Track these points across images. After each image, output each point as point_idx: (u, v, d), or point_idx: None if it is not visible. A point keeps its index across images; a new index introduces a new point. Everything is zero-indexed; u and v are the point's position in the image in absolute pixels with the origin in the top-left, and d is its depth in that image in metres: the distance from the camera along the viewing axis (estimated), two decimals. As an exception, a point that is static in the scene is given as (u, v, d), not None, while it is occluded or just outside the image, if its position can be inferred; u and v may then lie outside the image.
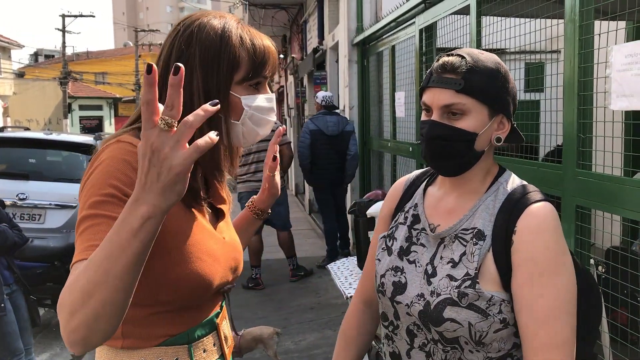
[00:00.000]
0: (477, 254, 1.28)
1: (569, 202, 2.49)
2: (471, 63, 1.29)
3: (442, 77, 1.30)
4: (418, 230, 1.42)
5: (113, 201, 1.11)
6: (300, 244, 8.53)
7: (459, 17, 3.85)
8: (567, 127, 2.51)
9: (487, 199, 1.34)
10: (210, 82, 1.26)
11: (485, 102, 1.29)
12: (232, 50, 1.27)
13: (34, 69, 39.50)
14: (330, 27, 8.70)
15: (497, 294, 1.25)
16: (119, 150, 1.19)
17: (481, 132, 1.30)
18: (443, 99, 1.29)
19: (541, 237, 1.25)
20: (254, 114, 1.32)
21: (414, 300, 1.33)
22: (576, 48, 2.41)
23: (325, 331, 4.92)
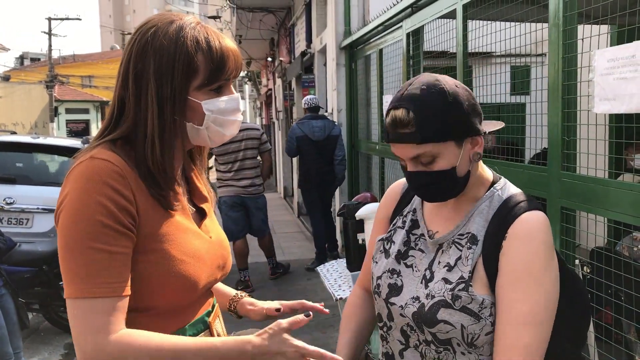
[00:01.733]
0: (471, 257, 1.31)
1: (554, 204, 2.53)
2: (418, 112, 1.27)
3: (398, 133, 1.30)
4: (417, 235, 1.45)
5: (106, 232, 1.15)
6: (289, 246, 8.56)
7: (446, 21, 3.88)
8: (551, 129, 2.55)
9: (481, 205, 1.37)
10: (165, 91, 1.25)
11: (448, 139, 1.29)
12: (186, 57, 1.25)
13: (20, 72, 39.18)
14: (318, 30, 8.73)
15: (487, 297, 1.28)
16: (93, 169, 1.19)
17: (457, 162, 1.31)
18: (409, 153, 1.31)
19: (528, 245, 1.27)
20: (217, 117, 1.32)
21: (408, 302, 1.36)
22: (560, 52, 2.45)
23: (315, 333, 4.93)
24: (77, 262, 1.15)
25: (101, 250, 1.15)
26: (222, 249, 1.45)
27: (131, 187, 1.21)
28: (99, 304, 1.14)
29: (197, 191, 1.47)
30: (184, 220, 1.34)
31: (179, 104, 1.27)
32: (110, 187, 1.17)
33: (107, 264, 1.15)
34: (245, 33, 13.60)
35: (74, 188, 1.18)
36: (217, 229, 1.49)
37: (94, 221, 1.15)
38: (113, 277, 1.15)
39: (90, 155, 1.22)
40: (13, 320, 3.69)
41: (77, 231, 1.15)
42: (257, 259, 7.06)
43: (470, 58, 3.56)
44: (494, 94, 3.28)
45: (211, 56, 1.27)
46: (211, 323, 1.42)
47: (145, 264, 1.22)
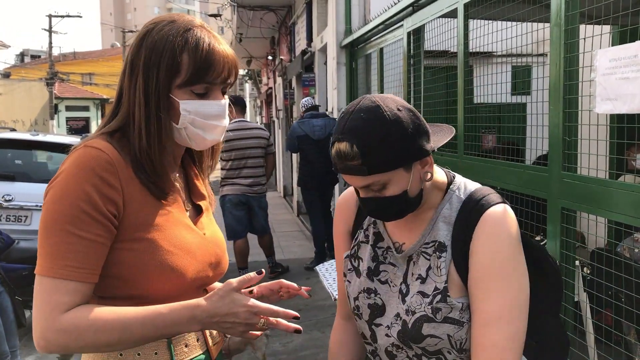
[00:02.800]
0: (443, 267, 1.30)
1: (554, 204, 2.51)
2: (361, 145, 1.22)
3: (345, 165, 1.26)
4: (383, 248, 1.43)
5: (83, 217, 1.18)
6: (289, 245, 8.54)
7: (447, 20, 3.87)
8: (552, 130, 2.54)
9: (443, 210, 1.36)
10: (150, 85, 1.29)
11: (396, 167, 1.26)
12: (171, 54, 1.27)
13: (20, 70, 39.18)
14: (319, 29, 8.71)
15: (464, 300, 1.29)
16: (85, 156, 1.23)
17: (408, 186, 1.29)
18: (358, 183, 1.29)
19: (493, 242, 1.27)
20: (196, 119, 1.32)
21: (392, 322, 1.35)
22: (562, 52, 2.43)
23: (314, 332, 4.92)
24: (50, 241, 1.18)
25: (74, 234, 1.18)
26: (216, 247, 1.44)
27: (119, 176, 1.24)
28: (61, 285, 1.17)
29: (195, 189, 1.48)
30: (177, 213, 1.35)
31: (162, 100, 1.29)
32: (97, 174, 1.20)
33: (76, 248, 1.18)
34: (246, 31, 13.59)
35: (64, 171, 1.22)
36: (213, 227, 1.49)
37: (74, 205, 1.18)
38: (79, 262, 1.18)
39: (85, 143, 1.26)
40: (10, 318, 3.68)
41: (56, 212, 1.19)
42: (256, 258, 7.05)
43: (471, 57, 3.54)
44: (495, 94, 3.26)
45: (195, 56, 1.28)
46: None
47: (130, 252, 1.24)
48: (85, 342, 1.16)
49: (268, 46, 15.70)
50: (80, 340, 1.16)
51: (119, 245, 1.24)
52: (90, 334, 1.15)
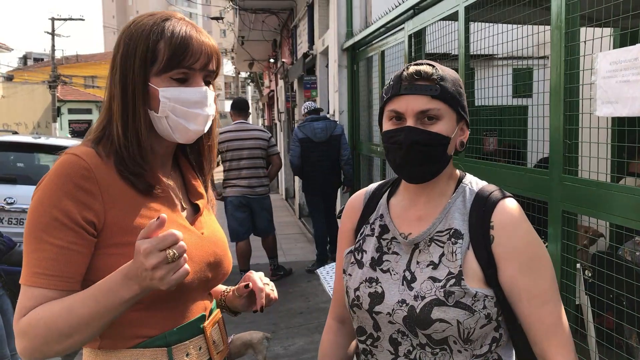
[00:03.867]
0: (459, 252, 1.32)
1: (555, 207, 2.51)
2: (441, 71, 1.35)
3: (415, 84, 1.33)
4: (388, 239, 1.44)
5: (55, 225, 1.19)
6: (290, 248, 8.54)
7: (448, 23, 3.87)
8: (553, 132, 2.53)
9: (456, 201, 1.39)
10: (127, 75, 1.29)
11: (454, 108, 1.35)
12: (147, 42, 1.28)
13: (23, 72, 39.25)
14: (321, 32, 8.72)
15: (480, 290, 1.30)
16: (63, 165, 1.23)
17: (452, 135, 1.36)
18: (419, 105, 1.32)
19: (519, 229, 1.33)
20: (177, 107, 1.30)
21: (395, 308, 1.34)
22: (562, 55, 2.43)
23: (315, 335, 4.91)
24: (27, 249, 1.20)
25: (46, 242, 1.18)
26: (215, 247, 1.41)
27: (98, 182, 1.23)
28: (30, 291, 1.18)
29: (192, 188, 1.47)
30: (169, 213, 1.31)
31: (139, 89, 1.29)
32: (71, 181, 1.21)
33: (46, 255, 1.18)
34: (248, 34, 13.61)
35: (44, 180, 1.23)
36: (213, 226, 1.47)
37: (47, 213, 1.19)
38: (49, 270, 1.18)
39: (67, 151, 1.27)
40: (11, 321, 3.66)
41: (32, 220, 1.21)
42: (258, 260, 7.05)
43: (473, 60, 3.54)
44: (496, 97, 3.26)
45: (171, 42, 1.28)
46: (206, 328, 1.38)
47: (122, 257, 1.20)
48: (42, 339, 1.16)
49: (270, 49, 15.72)
50: (38, 338, 1.16)
51: (110, 250, 1.23)
52: (41, 328, 1.16)
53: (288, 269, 7.00)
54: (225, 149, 6.29)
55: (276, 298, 1.50)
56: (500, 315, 1.34)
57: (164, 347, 1.29)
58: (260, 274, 1.52)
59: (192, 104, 1.31)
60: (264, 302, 1.46)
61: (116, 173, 1.27)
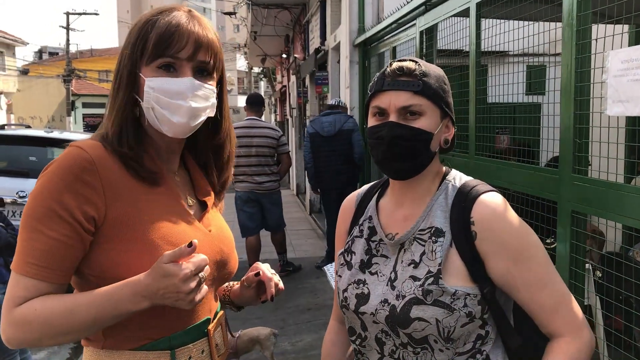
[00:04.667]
0: (439, 250, 1.31)
1: (564, 207, 2.48)
2: (424, 67, 1.35)
3: (398, 80, 1.34)
4: (376, 241, 1.44)
5: (51, 216, 1.18)
6: (300, 244, 8.54)
7: (460, 20, 3.83)
8: (563, 131, 2.50)
9: (438, 198, 1.39)
10: (122, 67, 1.30)
11: (437, 104, 1.35)
12: (140, 33, 1.28)
13: (38, 67, 39.55)
14: (332, 27, 8.69)
15: (461, 288, 1.29)
16: (66, 157, 1.23)
17: (436, 132, 1.36)
18: (401, 101, 1.33)
19: (502, 222, 1.31)
20: (160, 97, 1.28)
21: (378, 308, 1.34)
22: (573, 52, 2.39)
23: (322, 332, 4.88)
24: (22, 236, 1.19)
25: (40, 232, 1.17)
26: (222, 245, 1.40)
27: (99, 175, 1.22)
28: (22, 280, 1.18)
29: (199, 186, 1.46)
30: (176, 209, 1.31)
31: (133, 80, 1.29)
32: (73, 174, 1.19)
33: (40, 245, 1.17)
34: (260, 29, 13.60)
35: (46, 171, 1.23)
36: (219, 223, 1.46)
37: (45, 204, 1.18)
38: (42, 261, 1.17)
39: (71, 143, 1.26)
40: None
41: (29, 209, 1.20)
42: (267, 256, 7.05)
43: (485, 57, 3.50)
44: (509, 94, 3.23)
45: (157, 30, 1.27)
46: (210, 331, 1.36)
47: (128, 253, 1.21)
48: (37, 334, 1.16)
49: (282, 44, 15.71)
50: (32, 332, 1.16)
51: (113, 245, 1.21)
52: (39, 325, 1.15)
53: (297, 265, 7.00)
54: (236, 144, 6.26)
55: (283, 288, 1.51)
56: (486, 313, 1.32)
57: (167, 350, 1.28)
58: (267, 265, 1.52)
59: (174, 94, 1.27)
60: (273, 291, 1.45)
61: (122, 165, 1.26)
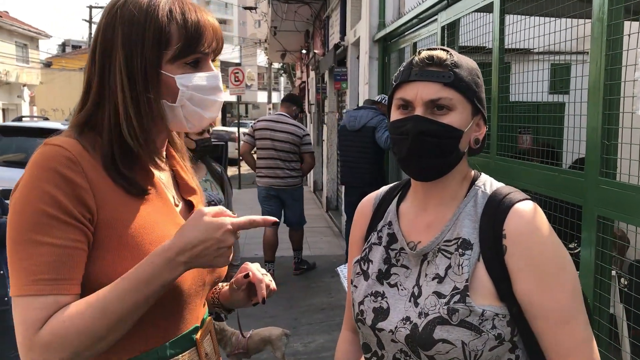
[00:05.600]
0: (467, 264, 1.19)
1: (589, 212, 2.36)
2: (456, 58, 1.23)
3: (427, 70, 1.21)
4: (396, 250, 1.31)
5: (52, 223, 1.05)
6: (316, 241, 8.46)
7: (482, 15, 3.72)
8: (590, 132, 2.38)
9: (467, 206, 1.26)
10: (134, 63, 1.16)
11: (469, 99, 1.23)
12: (157, 25, 1.16)
13: (61, 59, 39.93)
14: (352, 22, 8.58)
15: (489, 308, 1.16)
16: (44, 157, 1.09)
17: (466, 129, 1.23)
18: (429, 93, 1.20)
19: (535, 237, 1.18)
20: (194, 95, 1.21)
21: (398, 325, 1.22)
22: (603, 49, 2.27)
23: (335, 333, 4.82)
24: (19, 256, 1.05)
25: (44, 244, 1.04)
26: None
27: (85, 174, 1.10)
28: (36, 301, 1.03)
29: (184, 183, 1.37)
30: (165, 211, 1.23)
31: (151, 78, 1.17)
32: (59, 174, 1.07)
33: (50, 258, 1.04)
34: (280, 24, 13.53)
35: (23, 177, 1.09)
36: None
37: (37, 211, 1.05)
38: (56, 273, 1.05)
39: (45, 141, 1.13)
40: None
41: (20, 222, 1.06)
42: (283, 253, 6.99)
43: (508, 54, 3.39)
44: (532, 93, 3.11)
45: (185, 25, 1.18)
46: (199, 341, 1.27)
47: (120, 261, 1.11)
48: (74, 347, 1.02)
49: (302, 40, 15.63)
50: (68, 347, 1.02)
51: (102, 254, 1.11)
52: (73, 336, 1.02)
53: (312, 263, 6.93)
54: (259, 136, 6.37)
55: (275, 289, 1.41)
56: (515, 335, 1.20)
57: None
58: (257, 264, 1.43)
59: (209, 90, 1.23)
60: (264, 293, 1.36)
61: (102, 169, 1.15)
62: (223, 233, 1.10)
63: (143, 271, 1.07)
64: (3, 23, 25.83)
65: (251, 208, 11.42)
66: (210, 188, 3.40)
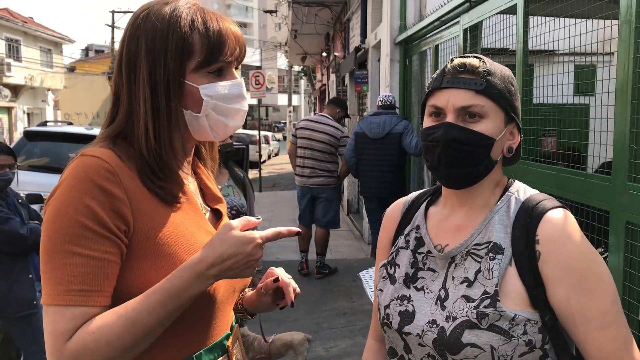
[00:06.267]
0: (497, 269, 1.17)
1: (617, 218, 2.31)
2: (489, 65, 1.23)
3: (459, 77, 1.21)
4: (423, 253, 1.31)
5: (88, 235, 1.06)
6: (337, 245, 8.43)
7: (506, 17, 3.67)
8: (618, 136, 2.33)
9: (499, 211, 1.24)
10: (157, 73, 1.16)
11: (502, 107, 1.22)
12: (180, 36, 1.16)
13: (84, 64, 40.44)
14: (373, 25, 8.56)
15: (521, 313, 1.14)
16: (81, 167, 1.10)
17: (498, 138, 1.22)
18: (461, 100, 1.20)
19: (570, 243, 1.16)
20: (218, 104, 1.21)
21: (425, 329, 1.21)
22: (631, 51, 2.23)
23: (358, 338, 4.79)
24: (53, 265, 1.06)
25: (78, 254, 1.05)
26: None
27: (123, 185, 1.11)
28: (68, 311, 1.04)
29: (209, 192, 1.38)
30: (196, 220, 1.23)
31: (173, 88, 1.17)
32: (97, 185, 1.08)
33: (83, 269, 1.05)
34: (300, 27, 13.55)
35: (61, 186, 1.10)
36: None
37: (74, 222, 1.05)
38: (88, 284, 1.05)
39: (82, 152, 1.13)
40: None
41: (55, 232, 1.06)
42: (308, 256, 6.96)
43: (532, 56, 3.34)
44: (556, 95, 3.06)
45: (208, 35, 1.18)
46: (230, 347, 1.28)
47: (150, 271, 1.11)
48: (102, 357, 1.03)
49: (322, 43, 15.63)
50: (97, 357, 1.03)
51: (139, 264, 1.11)
52: (103, 348, 1.03)
53: (333, 268, 6.90)
54: (299, 135, 6.59)
55: (299, 292, 1.44)
56: (547, 343, 1.17)
57: None
58: (281, 269, 1.44)
59: (233, 99, 1.23)
60: (292, 296, 1.39)
61: (138, 179, 1.16)
62: (253, 247, 1.11)
63: (172, 285, 1.07)
64: (28, 29, 26.24)
65: (272, 211, 11.46)
66: (233, 193, 3.41)
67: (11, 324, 3.48)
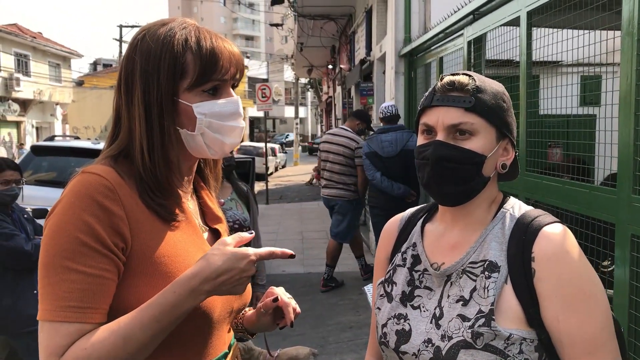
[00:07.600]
0: (492, 287, 1.16)
1: (623, 231, 2.29)
2: (479, 82, 1.22)
3: (448, 95, 1.21)
4: (420, 272, 1.30)
5: (85, 252, 1.07)
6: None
7: (510, 29, 3.68)
8: (622, 148, 2.32)
9: (494, 228, 1.23)
10: (151, 93, 1.18)
11: (493, 124, 1.21)
12: (173, 55, 1.18)
13: (92, 78, 40.73)
14: (378, 38, 8.58)
15: (516, 332, 1.13)
16: (82, 184, 1.11)
17: (489, 155, 1.21)
18: (450, 118, 1.20)
19: (564, 261, 1.14)
20: (212, 122, 1.21)
21: (421, 348, 1.20)
22: (634, 63, 2.22)
23: (364, 352, 4.73)
24: (49, 280, 1.07)
25: (75, 271, 1.06)
26: None
27: (122, 202, 1.12)
28: (62, 327, 1.05)
29: (210, 212, 1.38)
30: (194, 239, 1.24)
31: (167, 107, 1.18)
32: (96, 202, 1.09)
33: (80, 286, 1.06)
34: (306, 40, 13.62)
35: (61, 202, 1.11)
36: None
37: (73, 238, 1.06)
38: (84, 301, 1.06)
39: (83, 169, 1.15)
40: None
41: (53, 247, 1.07)
42: (310, 270, 6.95)
43: (536, 67, 3.33)
44: (561, 107, 3.05)
45: (200, 53, 1.19)
46: None
47: (145, 288, 1.11)
48: None
49: (328, 55, 15.69)
50: None
51: (136, 281, 1.12)
52: None
53: (340, 281, 6.83)
54: (321, 149, 6.83)
55: (299, 312, 1.42)
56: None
57: None
58: (281, 289, 1.44)
59: (228, 116, 1.24)
60: (292, 316, 1.38)
61: (138, 197, 1.17)
62: (247, 263, 1.12)
63: (165, 300, 1.07)
64: (37, 44, 26.49)
65: (278, 223, 11.45)
66: (236, 207, 3.41)
67: (16, 339, 3.48)
